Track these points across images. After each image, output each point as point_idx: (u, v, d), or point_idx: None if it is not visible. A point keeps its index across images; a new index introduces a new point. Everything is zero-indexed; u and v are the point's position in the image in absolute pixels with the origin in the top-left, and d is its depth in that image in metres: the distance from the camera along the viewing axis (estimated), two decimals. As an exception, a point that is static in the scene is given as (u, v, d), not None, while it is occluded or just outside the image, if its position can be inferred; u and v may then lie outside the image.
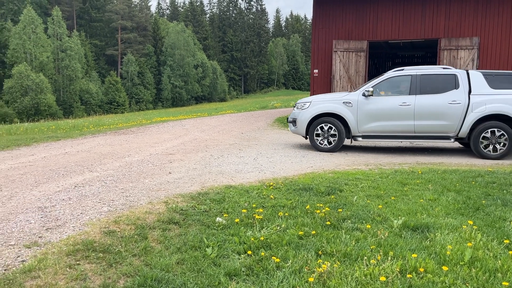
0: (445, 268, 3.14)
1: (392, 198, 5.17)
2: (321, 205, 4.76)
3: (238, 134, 12.58)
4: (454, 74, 8.97)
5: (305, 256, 3.39)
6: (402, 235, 3.90)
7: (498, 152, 8.59)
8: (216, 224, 4.12)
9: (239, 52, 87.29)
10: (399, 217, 4.33)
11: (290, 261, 3.29)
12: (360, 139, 9.42)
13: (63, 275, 2.99)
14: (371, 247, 3.58)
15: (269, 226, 4.08)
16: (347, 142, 9.96)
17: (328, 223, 4.16)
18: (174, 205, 4.69)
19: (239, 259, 3.38)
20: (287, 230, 3.96)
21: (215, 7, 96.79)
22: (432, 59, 21.85)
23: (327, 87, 16.43)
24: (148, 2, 79.23)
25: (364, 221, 4.26)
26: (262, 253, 3.43)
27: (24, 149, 9.15)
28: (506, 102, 8.54)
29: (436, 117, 8.90)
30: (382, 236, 3.81)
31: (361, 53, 15.97)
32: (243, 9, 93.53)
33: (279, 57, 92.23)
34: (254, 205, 4.74)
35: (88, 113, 51.25)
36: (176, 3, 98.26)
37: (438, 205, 4.87)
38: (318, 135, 9.48)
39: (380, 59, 25.34)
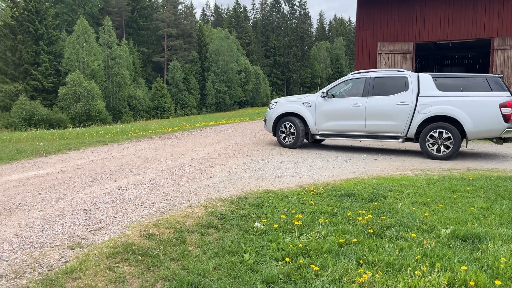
0: (498, 282, 2.92)
1: (440, 205, 4.91)
2: (364, 212, 4.60)
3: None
4: (405, 77, 9.26)
5: (346, 265, 3.26)
6: (451, 245, 3.67)
7: (441, 153, 8.77)
8: (255, 230, 4.07)
9: (282, 56, 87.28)
10: (448, 226, 4.09)
11: (330, 269, 3.17)
12: (317, 137, 10.19)
13: (103, 277, 3.04)
14: (416, 257, 3.39)
15: (308, 232, 3.97)
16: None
17: (371, 230, 4.00)
18: (213, 209, 4.68)
19: (276, 266, 3.30)
20: (327, 237, 3.84)
21: (258, 12, 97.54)
22: (485, 60, 20.85)
23: (371, 90, 16.03)
24: (193, 9, 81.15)
25: (409, 230, 4.06)
26: (301, 261, 3.33)
27: (74, 153, 9.53)
28: (451, 104, 8.72)
29: (385, 118, 9.25)
30: (429, 246, 3.60)
31: (407, 55, 15.48)
32: (286, 13, 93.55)
33: (323, 60, 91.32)
34: (293, 211, 4.65)
35: (135, 118, 53.00)
36: (220, 10, 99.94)
37: (491, 214, 4.57)
38: (282, 132, 10.38)
39: (428, 61, 24.47)
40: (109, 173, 6.86)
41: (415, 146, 11.06)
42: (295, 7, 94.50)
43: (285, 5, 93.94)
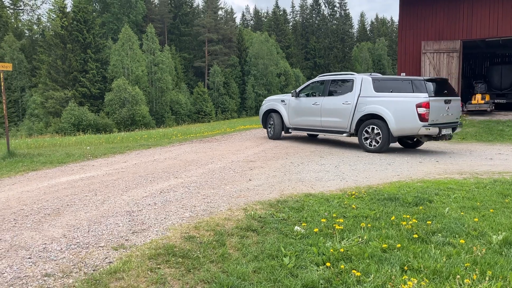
0: (557, 293, 2.72)
1: (491, 210, 4.66)
2: (408, 216, 4.44)
3: (320, 141, 12.36)
4: (352, 80, 10.35)
5: (389, 271, 3.15)
6: (503, 253, 3.47)
7: (373, 147, 9.75)
8: (294, 233, 4.02)
9: (322, 58, 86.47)
10: (499, 232, 3.87)
11: (372, 275, 3.08)
12: (290, 130, 11.77)
13: (144, 278, 3.09)
14: (465, 264, 3.22)
15: (350, 237, 3.88)
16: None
17: (416, 236, 3.85)
18: (252, 212, 4.67)
19: (317, 270, 3.24)
20: (369, 242, 3.73)
21: (298, 15, 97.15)
22: (539, 57, 19.71)
23: (415, 91, 15.54)
24: (233, 14, 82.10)
25: (457, 235, 3.87)
26: (342, 266, 3.25)
27: (118, 156, 9.84)
28: (380, 104, 9.63)
29: (334, 115, 10.50)
30: (479, 253, 3.42)
31: (453, 54, 14.90)
32: (326, 15, 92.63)
33: (364, 61, 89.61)
34: (334, 215, 4.56)
35: (177, 123, 54.16)
36: (260, 14, 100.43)
37: (547, 220, 4.28)
38: (268, 126, 12.39)
39: (476, 59, 23.43)
40: (151, 176, 7.02)
41: (460, 147, 10.63)
42: (335, 8, 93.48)
43: (325, 6, 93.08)
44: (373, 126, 9.71)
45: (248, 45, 73.96)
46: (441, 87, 9.73)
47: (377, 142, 9.66)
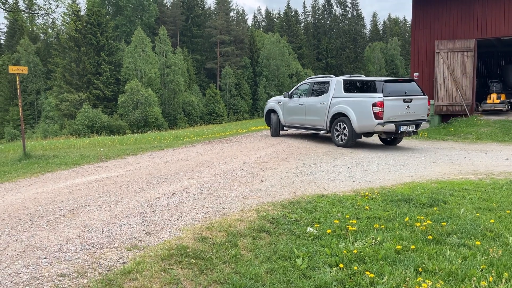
0: None
1: (507, 212, 4.58)
2: (422, 217, 4.39)
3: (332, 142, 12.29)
4: (329, 81, 11.35)
5: (403, 272, 3.12)
6: (520, 255, 3.40)
7: (342, 141, 10.80)
8: (307, 234, 4.01)
9: (334, 59, 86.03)
10: (516, 233, 3.80)
11: (386, 277, 3.05)
12: (285, 128, 13.04)
13: (158, 279, 3.11)
14: (481, 266, 3.17)
15: (363, 238, 3.85)
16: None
17: (430, 237, 3.81)
18: (265, 213, 4.67)
19: (330, 272, 3.22)
20: (383, 244, 3.70)
21: (310, 15, 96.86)
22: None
23: (428, 90, 15.40)
24: (245, 16, 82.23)
25: (472, 237, 3.82)
26: (355, 267, 3.23)
27: (131, 157, 9.92)
28: (346, 104, 10.62)
29: (314, 114, 11.56)
30: (495, 255, 3.37)
31: (468, 53, 14.70)
32: (338, 15, 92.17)
33: (377, 62, 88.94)
34: (347, 216, 4.53)
35: (190, 124, 54.44)
36: (271, 15, 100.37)
37: None
38: (270, 125, 13.68)
39: (491, 59, 23.06)
40: (164, 177, 7.06)
41: (476, 147, 10.52)
42: (347, 8, 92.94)
43: (337, 7, 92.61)
44: (341, 123, 10.75)
45: (260, 46, 73.99)
46: (402, 87, 10.45)
47: (345, 137, 10.73)
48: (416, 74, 15.82)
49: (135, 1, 65.54)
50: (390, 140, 11.45)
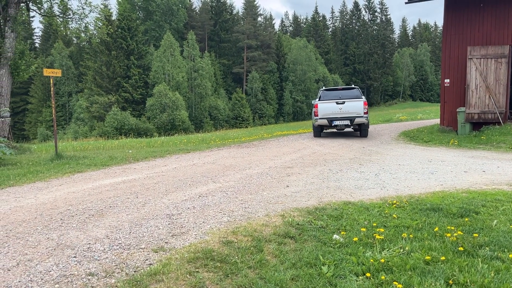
0: None
1: (543, 224, 4.40)
2: (453, 228, 4.26)
3: (359, 148, 12.14)
4: (319, 91, 15.50)
5: (433, 284, 3.03)
6: (558, 270, 3.26)
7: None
8: (333, 242, 3.95)
9: (362, 64, 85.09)
10: (553, 248, 3.64)
11: (415, 288, 2.97)
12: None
13: (183, 281, 3.13)
14: (516, 281, 3.05)
15: (391, 247, 3.77)
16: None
17: (461, 249, 3.69)
18: (290, 219, 4.64)
19: (356, 280, 3.17)
20: (411, 254, 3.61)
21: (338, 20, 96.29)
22: None
23: (459, 97, 15.03)
24: (272, 21, 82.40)
25: (506, 250, 3.68)
26: (383, 277, 3.17)
27: (159, 160, 10.07)
28: (319, 107, 14.77)
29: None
30: (530, 269, 3.23)
31: (502, 59, 14.27)
32: (367, 20, 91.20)
33: (406, 67, 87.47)
34: (374, 224, 4.45)
35: (216, 128, 54.89)
36: (299, 20, 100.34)
37: None
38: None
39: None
40: (190, 180, 7.13)
41: (510, 157, 10.18)
42: (376, 13, 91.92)
43: (366, 12, 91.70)
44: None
45: (287, 51, 73.99)
46: (338, 94, 15.01)
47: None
48: (447, 80, 15.46)
49: (164, 6, 66.76)
50: (355, 130, 16.35)
